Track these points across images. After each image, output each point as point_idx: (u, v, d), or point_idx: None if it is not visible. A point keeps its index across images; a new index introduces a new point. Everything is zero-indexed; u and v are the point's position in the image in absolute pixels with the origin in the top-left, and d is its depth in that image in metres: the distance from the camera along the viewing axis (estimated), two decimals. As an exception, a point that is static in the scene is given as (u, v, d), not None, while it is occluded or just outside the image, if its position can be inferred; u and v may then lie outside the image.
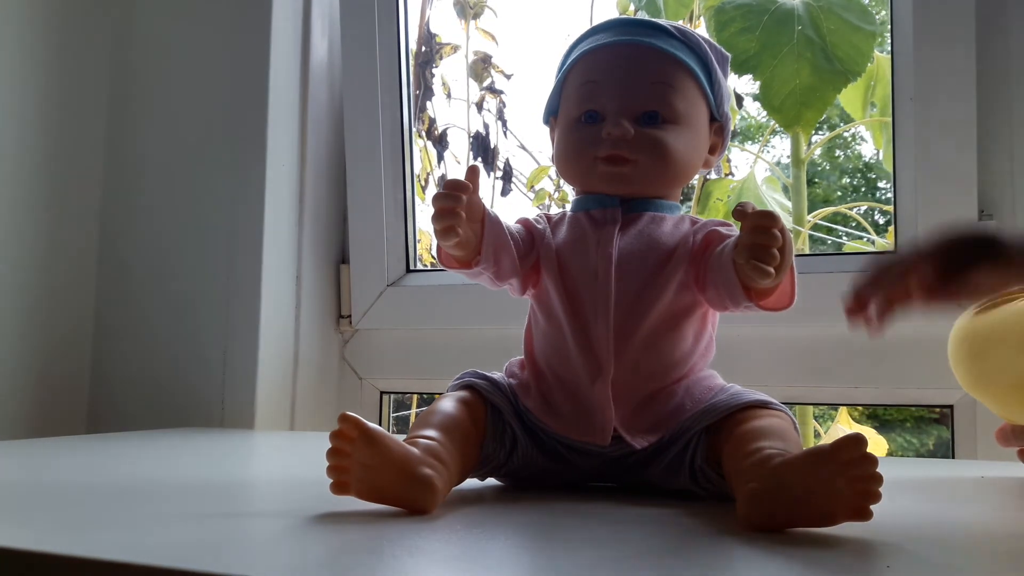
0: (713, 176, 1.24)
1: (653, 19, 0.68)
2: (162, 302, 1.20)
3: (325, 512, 0.52)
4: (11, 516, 0.51)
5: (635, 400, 0.61)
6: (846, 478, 0.46)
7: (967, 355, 0.72)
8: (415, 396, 1.32)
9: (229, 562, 0.40)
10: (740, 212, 0.55)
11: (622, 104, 0.64)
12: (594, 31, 0.69)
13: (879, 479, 0.46)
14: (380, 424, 1.23)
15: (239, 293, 1.15)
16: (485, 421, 0.62)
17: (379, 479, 0.51)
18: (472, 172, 0.61)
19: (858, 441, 0.46)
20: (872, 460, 0.46)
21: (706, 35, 0.73)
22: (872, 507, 0.46)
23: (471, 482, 0.66)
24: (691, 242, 0.63)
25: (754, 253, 0.54)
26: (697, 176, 0.90)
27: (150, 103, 1.23)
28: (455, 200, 0.58)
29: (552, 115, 0.71)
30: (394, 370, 1.23)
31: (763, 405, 0.58)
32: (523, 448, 0.63)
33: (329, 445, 0.51)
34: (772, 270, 0.54)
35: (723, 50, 0.70)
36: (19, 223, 1.13)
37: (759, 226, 0.54)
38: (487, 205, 0.62)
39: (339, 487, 0.51)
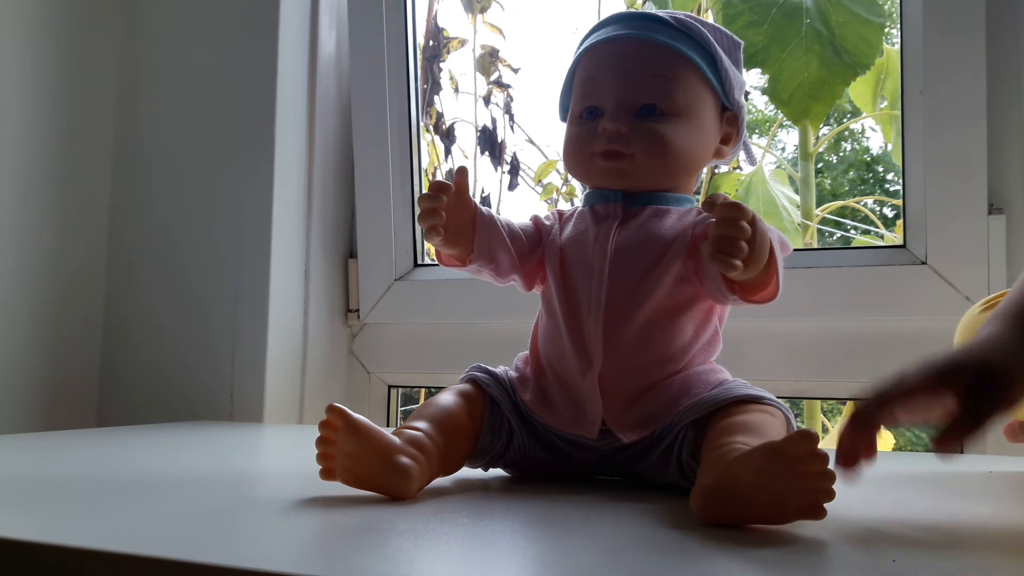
0: (723, 169, 1.24)
1: (653, 11, 0.68)
2: (171, 297, 1.20)
3: (332, 506, 0.52)
4: (23, 508, 0.52)
5: (627, 394, 0.61)
6: (795, 475, 0.45)
7: None
8: (423, 390, 1.32)
9: (237, 555, 0.40)
10: (709, 204, 0.55)
11: (620, 99, 0.64)
12: (596, 27, 0.69)
13: (830, 477, 0.45)
14: (388, 418, 1.24)
15: (248, 287, 1.16)
16: (483, 413, 0.63)
17: (361, 467, 0.54)
18: (460, 173, 0.63)
19: (807, 437, 0.45)
20: (822, 457, 0.45)
21: (714, 23, 0.72)
22: (826, 505, 0.45)
23: (476, 473, 0.67)
24: (691, 234, 0.63)
25: (720, 245, 0.53)
26: (706, 169, 0.90)
27: (158, 98, 1.24)
28: (436, 201, 0.60)
29: (567, 112, 0.71)
30: (402, 364, 1.23)
31: (754, 400, 0.58)
32: (519, 440, 0.64)
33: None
34: (738, 263, 0.53)
35: (734, 37, 0.69)
36: (28, 219, 1.14)
37: (726, 218, 0.53)
38: (483, 203, 0.63)
39: (325, 473, 0.55)
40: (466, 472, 0.65)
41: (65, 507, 0.51)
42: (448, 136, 1.40)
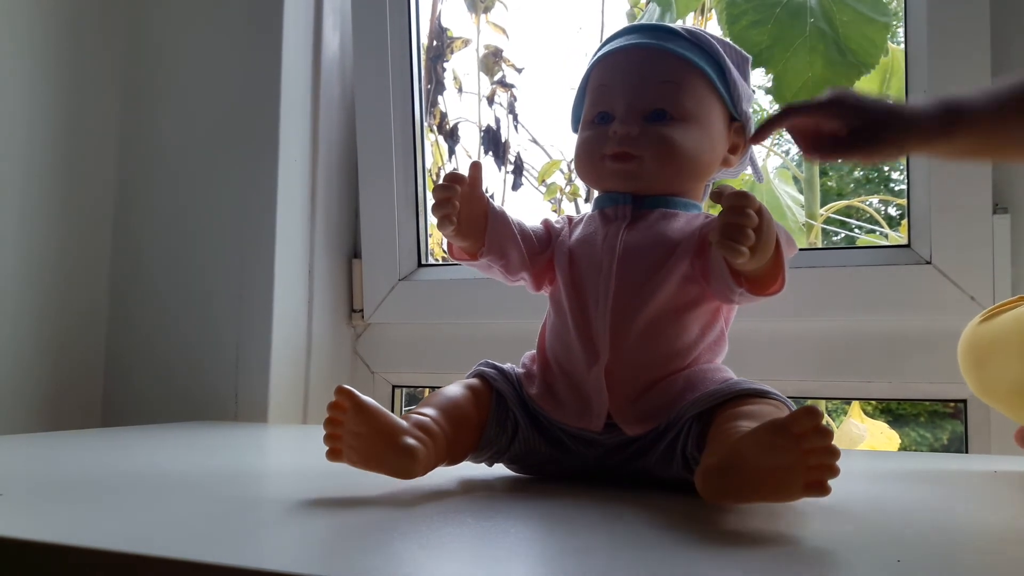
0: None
1: (666, 23, 0.69)
2: (176, 297, 1.20)
3: (336, 506, 0.52)
4: (28, 508, 0.52)
5: (633, 388, 0.62)
6: (799, 452, 0.46)
7: (973, 364, 0.73)
8: (427, 390, 1.32)
9: (242, 555, 0.40)
10: (716, 193, 0.56)
11: (630, 104, 0.66)
12: (609, 39, 0.71)
13: (835, 453, 0.46)
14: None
15: (252, 288, 1.16)
16: (489, 406, 0.64)
17: (367, 447, 0.55)
18: (474, 167, 0.65)
19: (811, 413, 0.46)
20: (826, 433, 0.46)
21: (723, 37, 0.74)
22: (831, 483, 0.46)
23: (481, 472, 0.67)
24: (699, 235, 0.64)
25: (727, 232, 0.54)
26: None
27: (164, 98, 1.24)
28: (450, 190, 0.62)
29: (579, 121, 0.72)
30: (406, 364, 1.23)
31: (759, 394, 0.58)
32: (524, 434, 0.64)
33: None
34: (746, 250, 0.54)
35: (742, 52, 0.71)
36: (33, 219, 1.14)
37: (733, 206, 0.54)
38: (496, 199, 0.64)
39: (332, 453, 0.56)
40: (470, 472, 0.65)
41: (69, 507, 0.51)
42: (452, 136, 1.40)
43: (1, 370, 1.10)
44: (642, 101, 0.66)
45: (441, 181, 0.63)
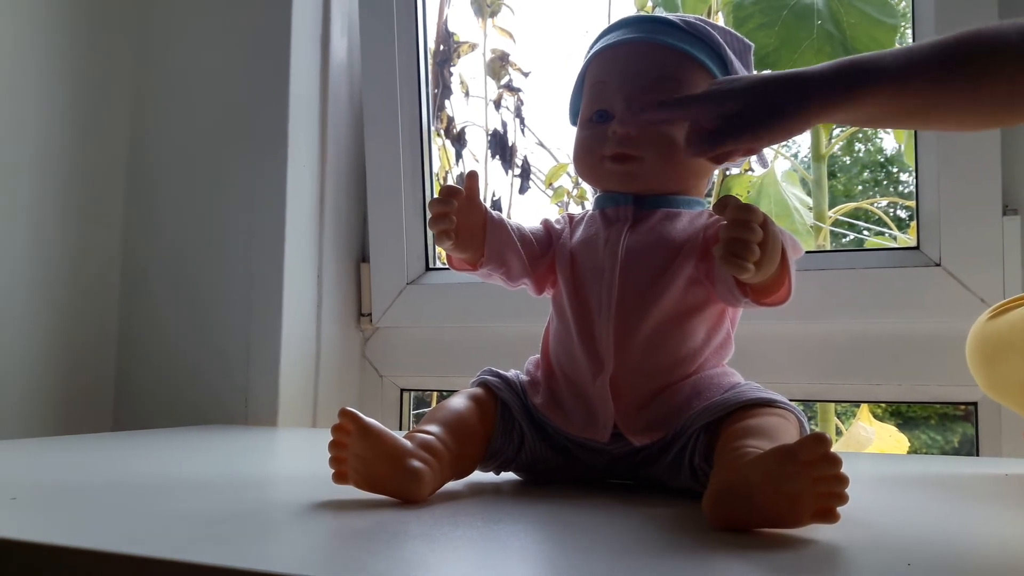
0: (735, 171, 1.24)
1: (662, 14, 0.68)
2: (185, 302, 1.21)
3: (345, 509, 0.52)
4: (40, 512, 0.52)
5: (638, 397, 0.61)
6: (808, 479, 0.45)
7: (982, 361, 0.72)
8: (435, 393, 1.32)
9: (251, 558, 0.40)
10: (720, 206, 0.54)
11: (629, 102, 0.64)
12: (606, 31, 0.69)
13: (843, 480, 0.45)
14: (401, 421, 1.24)
15: (261, 292, 1.16)
16: (494, 417, 0.63)
17: (373, 470, 0.54)
18: (470, 177, 0.64)
19: (820, 440, 0.45)
20: (835, 460, 0.45)
21: (724, 25, 0.72)
22: (839, 509, 0.45)
23: (489, 477, 0.67)
24: (703, 237, 0.63)
25: (731, 248, 0.53)
26: (717, 172, 0.90)
27: (171, 104, 1.25)
28: (447, 205, 0.60)
29: (578, 115, 0.71)
30: (414, 368, 1.23)
31: (766, 403, 0.57)
32: (531, 444, 0.64)
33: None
34: (750, 265, 0.53)
35: (744, 39, 0.69)
36: (44, 226, 1.15)
37: (738, 220, 0.53)
38: (494, 207, 0.63)
39: (338, 476, 0.55)
40: (478, 475, 0.65)
41: (81, 510, 0.52)
42: (459, 140, 1.41)
43: (15, 371, 1.10)
44: (641, 99, 0.64)
45: (437, 195, 0.62)
